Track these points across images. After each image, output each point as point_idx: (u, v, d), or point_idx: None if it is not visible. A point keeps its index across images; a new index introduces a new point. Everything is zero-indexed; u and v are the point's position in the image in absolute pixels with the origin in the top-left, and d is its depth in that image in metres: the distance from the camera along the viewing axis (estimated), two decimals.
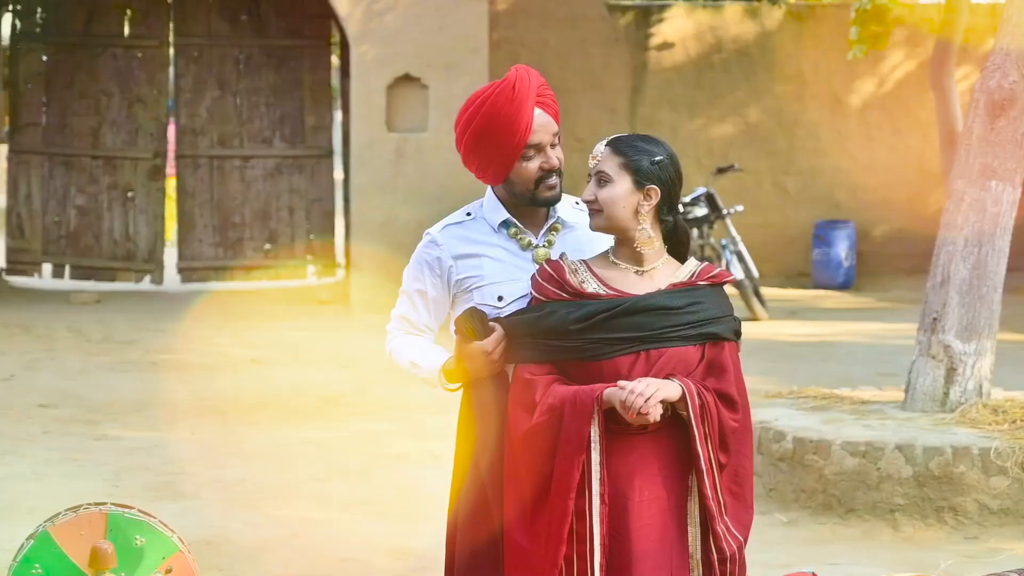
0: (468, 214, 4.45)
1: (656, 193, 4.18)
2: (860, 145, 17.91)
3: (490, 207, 4.42)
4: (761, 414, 8.46)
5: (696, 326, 4.16)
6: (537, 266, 4.30)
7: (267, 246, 16.95)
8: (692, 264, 4.28)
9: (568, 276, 4.20)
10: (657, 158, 4.18)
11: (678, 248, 4.27)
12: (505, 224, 4.39)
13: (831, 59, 17.68)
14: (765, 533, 7.66)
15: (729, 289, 15.39)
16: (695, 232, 15.30)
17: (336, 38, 17.33)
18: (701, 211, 15.37)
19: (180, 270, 16.98)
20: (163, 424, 10.20)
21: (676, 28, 17.79)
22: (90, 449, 9.48)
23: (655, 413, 4.03)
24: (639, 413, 4.01)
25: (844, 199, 17.91)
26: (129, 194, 16.84)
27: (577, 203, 4.42)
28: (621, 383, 4.05)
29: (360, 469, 9.08)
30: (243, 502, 8.29)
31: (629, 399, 4.01)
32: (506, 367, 4.27)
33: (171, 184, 17.73)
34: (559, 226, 4.41)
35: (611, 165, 4.19)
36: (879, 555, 7.35)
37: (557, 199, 4.37)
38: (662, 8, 17.82)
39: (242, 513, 8.06)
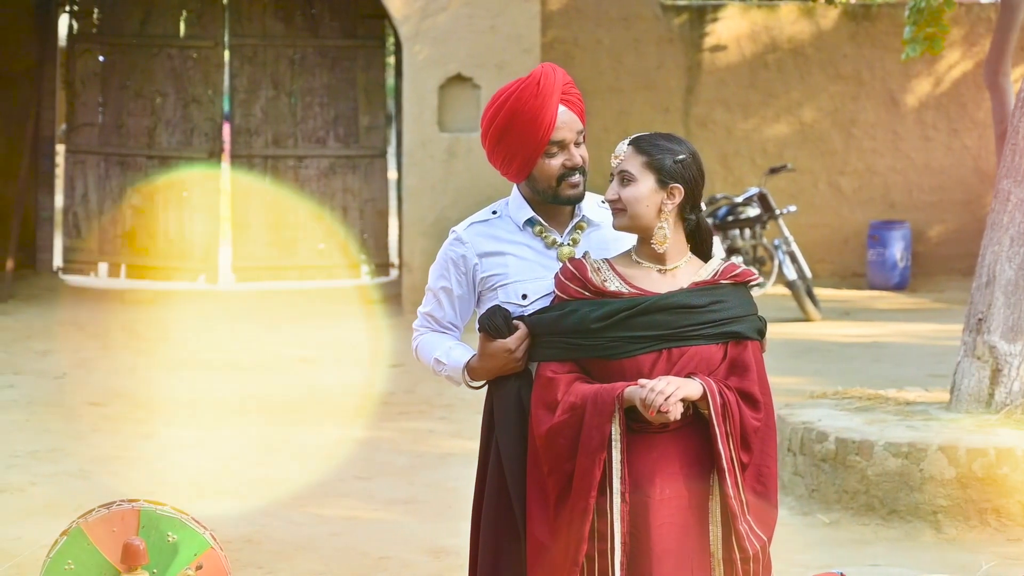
0: (494, 212, 4.45)
1: (679, 192, 4.18)
2: (916, 145, 17.81)
3: (515, 205, 4.42)
4: (804, 414, 8.42)
5: (718, 325, 4.15)
6: (561, 264, 4.30)
7: (321, 246, 17.00)
8: (715, 263, 4.26)
9: (590, 275, 4.20)
10: (680, 157, 4.17)
11: (701, 247, 4.26)
12: (530, 222, 4.38)
13: (887, 58, 17.60)
14: (806, 534, 7.63)
15: (781, 289, 15.16)
16: (747, 232, 15.25)
17: (390, 38, 17.37)
18: (754, 211, 15.30)
19: (234, 270, 17.06)
20: (211, 422, 10.25)
21: (730, 28, 17.73)
22: (137, 447, 9.54)
23: (675, 411, 4.02)
24: (659, 411, 4.01)
25: (899, 199, 17.82)
26: (184, 194, 16.94)
27: (603, 202, 4.40)
28: (642, 381, 4.05)
29: (404, 468, 9.10)
30: (286, 500, 8.32)
31: (649, 397, 4.00)
32: (529, 365, 4.28)
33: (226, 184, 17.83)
34: (584, 224, 4.40)
35: (634, 164, 4.19)
36: (921, 557, 7.31)
37: (580, 197, 4.36)
38: (716, 8, 17.77)
39: (285, 511, 8.09)
